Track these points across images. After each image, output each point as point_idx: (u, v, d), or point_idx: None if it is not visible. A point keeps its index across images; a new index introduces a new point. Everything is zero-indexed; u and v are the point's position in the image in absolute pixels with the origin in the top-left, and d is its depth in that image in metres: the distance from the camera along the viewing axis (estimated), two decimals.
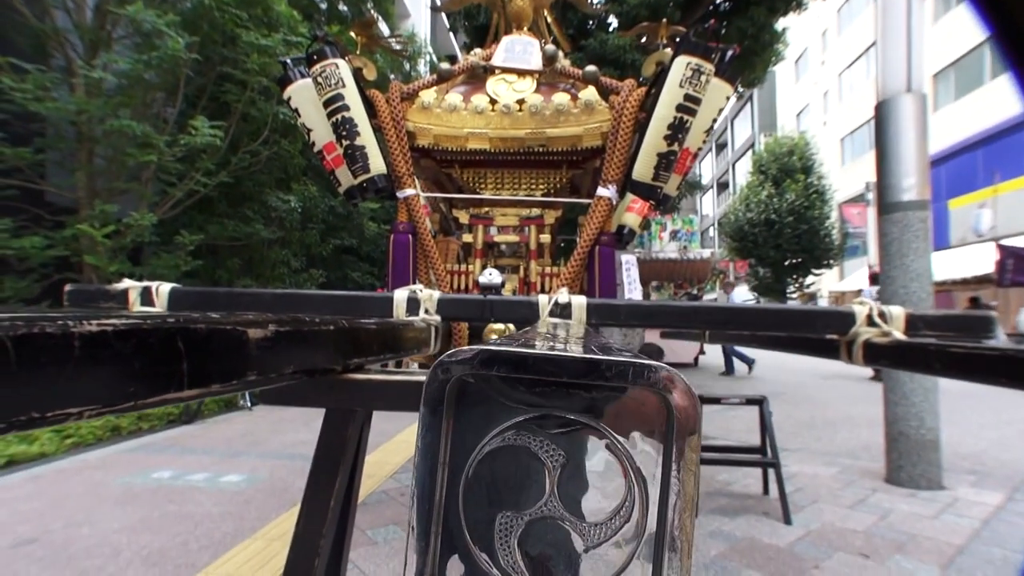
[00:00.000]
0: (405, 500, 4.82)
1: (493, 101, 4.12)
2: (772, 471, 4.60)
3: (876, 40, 5.61)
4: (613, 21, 13.80)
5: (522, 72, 4.29)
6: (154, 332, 0.48)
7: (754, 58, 13.17)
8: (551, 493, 0.57)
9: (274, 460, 6.22)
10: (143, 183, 9.59)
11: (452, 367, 0.57)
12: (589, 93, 4.06)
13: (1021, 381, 0.94)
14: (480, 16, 13.78)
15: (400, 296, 1.46)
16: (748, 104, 57.38)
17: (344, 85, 3.82)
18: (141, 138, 8.72)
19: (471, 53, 4.55)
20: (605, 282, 3.90)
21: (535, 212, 4.47)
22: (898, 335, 1.33)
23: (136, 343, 0.46)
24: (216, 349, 0.56)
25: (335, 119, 3.87)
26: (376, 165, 3.92)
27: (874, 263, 21.39)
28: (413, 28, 23.01)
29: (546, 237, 4.36)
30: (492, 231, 4.42)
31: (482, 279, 3.69)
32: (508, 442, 0.58)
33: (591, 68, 4.22)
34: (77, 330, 0.40)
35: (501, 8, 4.67)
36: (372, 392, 1.03)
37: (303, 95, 4.05)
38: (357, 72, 4.02)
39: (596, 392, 0.57)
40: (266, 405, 7.78)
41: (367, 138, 3.91)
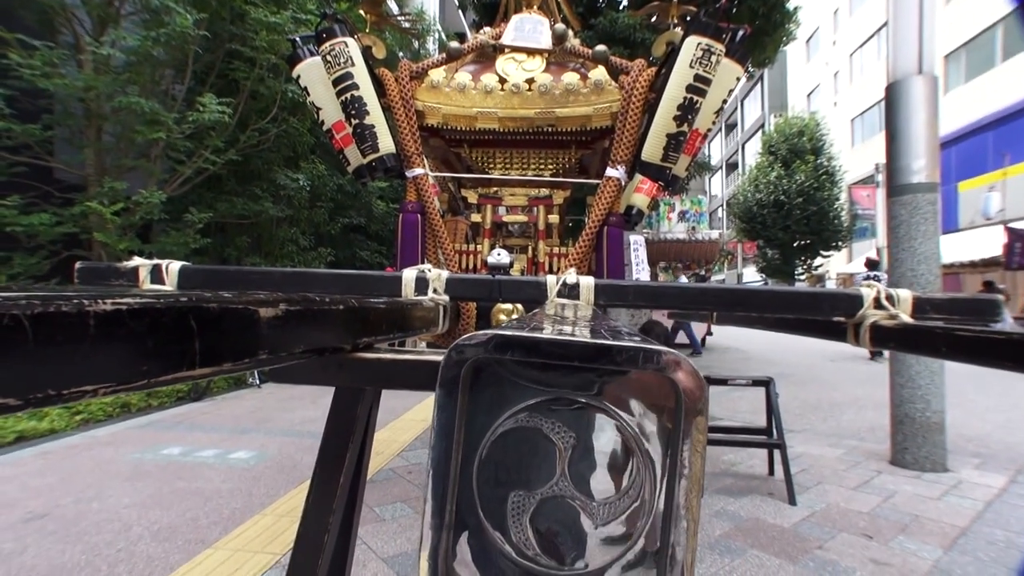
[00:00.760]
0: (413, 478, 4.86)
1: (502, 80, 4.11)
2: (777, 452, 4.61)
3: (888, 20, 5.57)
4: None
5: (532, 51, 4.28)
6: (167, 311, 0.48)
7: (765, 38, 13.04)
8: (562, 473, 0.58)
9: (282, 437, 6.26)
10: (152, 160, 9.60)
11: (467, 350, 0.58)
12: (599, 73, 4.04)
13: None
14: None
15: (409, 276, 1.46)
16: (758, 84, 57.03)
17: (353, 64, 3.81)
18: (150, 115, 8.70)
19: (480, 32, 4.53)
20: (613, 262, 3.90)
21: (544, 192, 4.47)
22: (905, 318, 1.33)
23: (150, 322, 0.46)
24: (228, 328, 0.56)
25: (344, 98, 3.86)
26: (385, 144, 3.92)
27: (882, 246, 21.35)
28: (422, 6, 22.84)
29: (554, 217, 4.35)
30: (501, 211, 4.42)
31: (491, 259, 3.70)
32: (521, 423, 0.59)
33: (601, 48, 4.20)
34: (92, 309, 0.41)
35: None
36: (381, 371, 1.04)
37: (312, 73, 4.04)
38: (366, 51, 4.00)
39: (606, 375, 0.58)
40: (275, 383, 7.84)
41: (376, 117, 3.90)
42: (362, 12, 4.40)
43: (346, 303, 0.85)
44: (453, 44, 4.37)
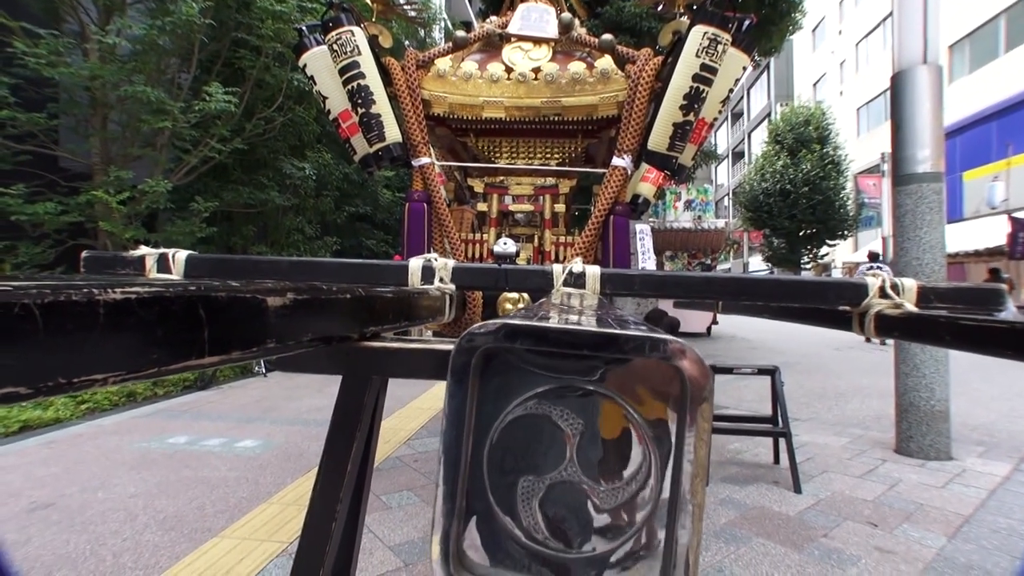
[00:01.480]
0: (419, 466, 4.87)
1: (509, 69, 4.10)
2: (783, 440, 4.62)
3: (892, 10, 5.55)
4: None
5: (538, 40, 4.27)
6: (176, 300, 0.48)
7: (771, 27, 12.98)
8: (570, 459, 0.59)
9: (289, 426, 6.29)
10: (158, 149, 9.61)
11: (478, 338, 0.58)
12: (605, 62, 4.04)
13: None
14: None
15: (415, 265, 1.47)
16: (764, 73, 56.81)
17: (360, 53, 3.81)
18: (155, 104, 8.71)
19: (487, 21, 4.52)
20: (619, 252, 3.89)
21: (550, 181, 4.47)
22: (910, 307, 1.33)
23: (159, 310, 0.46)
24: (236, 317, 0.57)
25: (351, 87, 3.86)
26: (392, 133, 3.92)
27: (887, 235, 21.31)
28: None
29: (560, 206, 4.35)
30: (507, 200, 4.42)
31: (497, 248, 3.71)
32: (530, 411, 0.60)
33: (607, 37, 4.19)
34: (102, 298, 0.41)
35: None
36: (388, 359, 1.04)
37: (319, 62, 4.04)
38: (373, 39, 4.00)
39: (614, 363, 0.59)
40: (281, 371, 7.86)
41: (383, 106, 3.90)
42: (368, 1, 4.40)
43: (353, 292, 0.86)
44: (459, 33, 4.36)
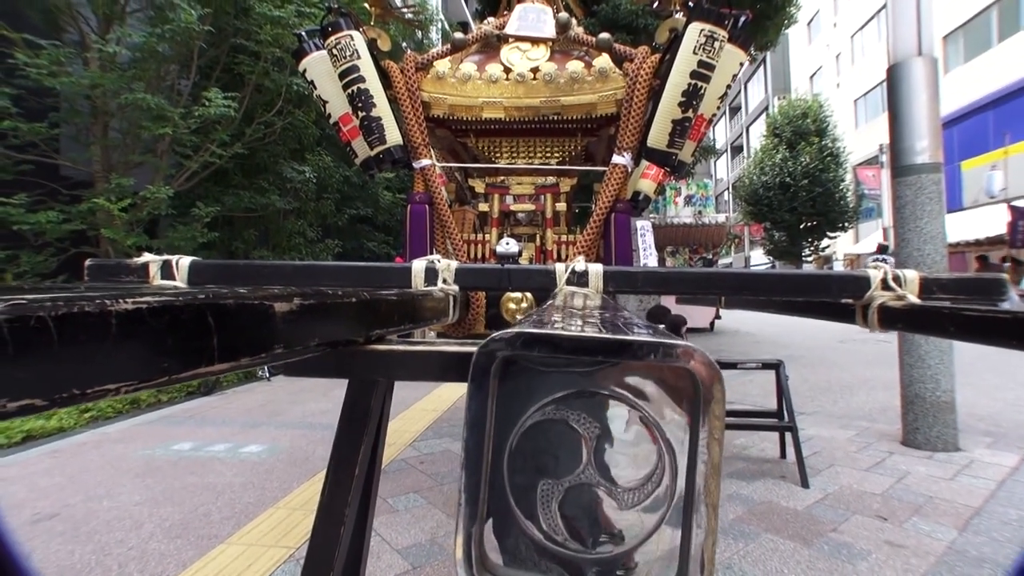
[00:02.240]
0: (425, 468, 4.87)
1: (507, 70, 4.11)
2: (789, 435, 4.62)
3: (886, 3, 5.57)
4: None
5: (536, 40, 4.27)
6: (186, 308, 0.49)
7: (767, 21, 12.96)
8: (588, 461, 0.60)
9: (294, 430, 6.29)
10: (158, 156, 9.64)
11: (495, 346, 0.59)
12: (603, 60, 4.04)
13: None
14: None
15: (418, 266, 1.47)
16: (761, 67, 56.75)
17: (359, 56, 3.82)
18: (156, 111, 8.75)
19: (484, 22, 4.53)
20: (621, 249, 3.90)
21: (550, 180, 4.47)
22: (913, 299, 1.33)
23: (169, 319, 0.47)
24: (244, 323, 0.57)
25: (351, 91, 3.87)
26: (392, 136, 3.93)
27: (888, 226, 21.28)
28: None
29: (562, 205, 4.36)
30: (508, 200, 4.43)
31: (499, 248, 3.71)
32: (548, 416, 0.60)
33: (605, 35, 4.20)
34: (114, 308, 0.41)
35: None
36: (394, 362, 1.04)
37: (318, 67, 4.05)
38: (371, 43, 4.01)
39: (628, 368, 0.60)
40: (286, 376, 7.86)
41: (383, 109, 3.91)
42: (366, 5, 4.41)
43: (358, 296, 0.86)
44: (458, 35, 4.37)
